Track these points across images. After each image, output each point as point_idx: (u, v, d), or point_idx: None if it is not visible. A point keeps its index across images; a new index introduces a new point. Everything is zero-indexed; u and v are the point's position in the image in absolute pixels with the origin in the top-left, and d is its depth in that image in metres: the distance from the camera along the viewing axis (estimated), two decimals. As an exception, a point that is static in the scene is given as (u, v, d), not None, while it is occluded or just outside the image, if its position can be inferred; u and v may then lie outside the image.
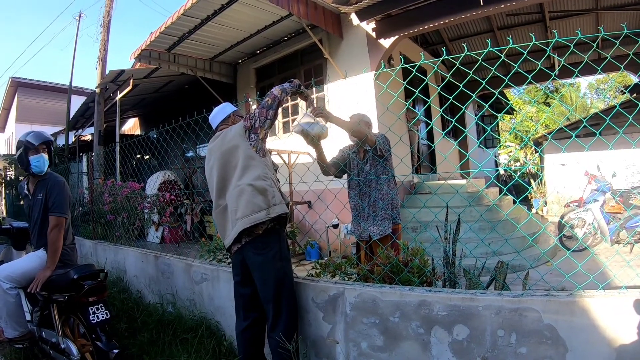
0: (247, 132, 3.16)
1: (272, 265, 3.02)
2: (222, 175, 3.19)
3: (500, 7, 6.60)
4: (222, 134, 3.30)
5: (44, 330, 3.76)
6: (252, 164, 3.09)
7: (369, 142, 4.00)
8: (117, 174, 10.15)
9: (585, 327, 2.21)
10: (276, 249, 3.06)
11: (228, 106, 3.54)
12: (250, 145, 3.13)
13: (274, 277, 3.00)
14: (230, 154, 3.15)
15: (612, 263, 6.06)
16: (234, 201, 3.07)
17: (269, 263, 3.02)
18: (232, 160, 3.14)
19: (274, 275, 3.01)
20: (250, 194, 2.99)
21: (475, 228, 6.15)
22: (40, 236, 3.85)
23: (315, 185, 4.05)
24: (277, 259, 3.05)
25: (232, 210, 3.08)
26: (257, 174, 3.05)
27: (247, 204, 2.98)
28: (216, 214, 3.27)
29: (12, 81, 27.15)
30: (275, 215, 3.02)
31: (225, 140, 3.22)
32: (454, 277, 3.31)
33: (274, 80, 10.36)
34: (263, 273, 3.03)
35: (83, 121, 16.97)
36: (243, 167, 3.08)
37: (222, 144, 3.22)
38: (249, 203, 2.98)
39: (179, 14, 7.63)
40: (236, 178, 3.09)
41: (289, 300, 3.05)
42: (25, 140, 3.87)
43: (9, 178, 20.55)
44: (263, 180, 3.05)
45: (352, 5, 7.74)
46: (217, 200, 3.25)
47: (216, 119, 3.48)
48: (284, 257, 3.13)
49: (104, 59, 12.93)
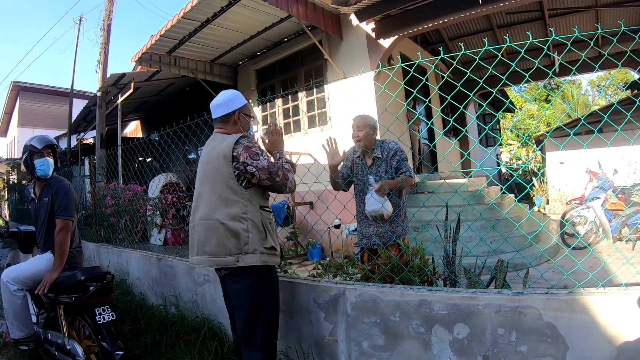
0: (235, 162, 2.73)
1: (248, 296, 2.76)
2: (199, 193, 2.91)
3: (499, 5, 6.59)
4: (216, 142, 2.91)
5: (49, 332, 3.80)
6: (230, 198, 2.73)
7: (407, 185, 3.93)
8: (119, 177, 10.18)
9: (586, 325, 2.22)
10: (254, 277, 2.75)
11: (235, 99, 3.02)
12: (233, 174, 2.73)
13: (248, 310, 2.76)
14: (212, 173, 2.82)
15: (613, 260, 6.06)
16: (203, 232, 2.80)
17: (244, 293, 2.78)
18: (211, 182, 2.82)
19: (248, 307, 2.76)
20: (222, 234, 2.70)
21: (476, 227, 6.14)
22: (47, 239, 3.88)
23: (315, 185, 4.05)
24: (254, 289, 2.76)
25: (201, 240, 2.81)
26: (234, 213, 2.71)
27: (217, 244, 2.71)
28: (190, 227, 2.98)
29: (13, 85, 27.24)
30: (246, 265, 2.69)
31: (213, 153, 2.85)
32: (454, 276, 3.32)
33: (275, 81, 10.39)
34: (237, 302, 2.81)
35: (85, 124, 17.01)
36: (220, 198, 2.75)
37: (210, 157, 2.89)
38: (219, 244, 2.71)
39: (179, 16, 7.65)
40: (210, 207, 2.78)
41: (265, 337, 2.78)
42: (30, 145, 3.89)
43: (12, 182, 20.60)
44: (239, 221, 2.70)
45: (351, 5, 7.75)
46: (193, 213, 2.95)
47: (217, 112, 3.01)
48: (266, 288, 2.82)
49: (105, 63, 12.99)
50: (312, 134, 9.13)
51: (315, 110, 9.38)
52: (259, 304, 2.78)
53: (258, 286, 2.79)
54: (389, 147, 3.98)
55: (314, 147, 8.56)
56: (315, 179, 3.91)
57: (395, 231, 3.93)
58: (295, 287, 3.33)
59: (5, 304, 3.71)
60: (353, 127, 4.04)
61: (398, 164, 3.94)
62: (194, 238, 2.90)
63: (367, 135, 3.95)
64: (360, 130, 3.97)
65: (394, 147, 4.00)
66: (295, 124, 9.87)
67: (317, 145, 8.58)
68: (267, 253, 2.76)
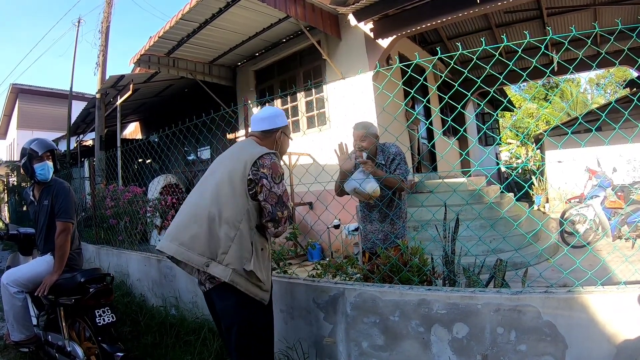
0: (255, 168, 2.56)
1: (237, 316, 2.54)
2: (205, 179, 2.76)
3: (497, 4, 6.60)
4: (248, 145, 2.77)
5: (50, 334, 3.80)
6: (232, 200, 2.53)
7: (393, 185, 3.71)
8: (119, 179, 10.19)
9: (585, 323, 2.23)
10: (241, 293, 2.50)
11: (280, 117, 2.93)
12: (246, 178, 2.54)
13: (236, 327, 2.53)
14: (229, 169, 2.62)
15: (613, 259, 6.07)
16: (188, 217, 2.61)
17: (231, 311, 2.55)
18: (223, 176, 2.62)
19: (237, 325, 2.53)
20: (205, 229, 2.49)
21: (476, 226, 6.15)
22: (47, 241, 3.87)
23: (314, 186, 4.04)
24: (243, 308, 2.53)
25: (180, 225, 2.61)
26: (228, 215, 2.49)
27: (194, 237, 2.50)
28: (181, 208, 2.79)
29: (12, 88, 27.22)
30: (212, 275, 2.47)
31: (239, 152, 2.71)
32: (454, 276, 3.32)
33: (273, 82, 10.40)
34: (226, 322, 2.58)
35: (84, 126, 17.02)
36: (223, 195, 2.55)
37: (234, 153, 2.76)
38: (196, 237, 2.49)
39: (178, 18, 7.65)
40: (209, 197, 2.58)
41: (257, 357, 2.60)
42: (29, 149, 3.88)
43: (12, 184, 20.61)
44: (229, 226, 2.48)
45: (349, 6, 7.76)
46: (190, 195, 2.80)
47: (260, 125, 2.87)
48: (256, 306, 2.58)
49: (104, 64, 13.00)
50: (311, 134, 9.14)
51: (314, 111, 9.39)
52: (249, 324, 2.56)
53: (248, 304, 2.54)
54: (389, 151, 3.91)
55: (313, 147, 8.58)
56: (314, 179, 3.91)
57: (396, 232, 3.93)
58: (294, 287, 3.34)
59: (6, 306, 3.71)
60: (355, 137, 3.90)
61: (395, 167, 3.90)
62: (175, 220, 2.68)
63: (370, 145, 3.88)
64: (363, 141, 3.88)
65: (394, 151, 3.92)
66: (294, 125, 9.87)
67: (316, 146, 8.63)
68: (243, 276, 2.47)
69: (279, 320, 3.42)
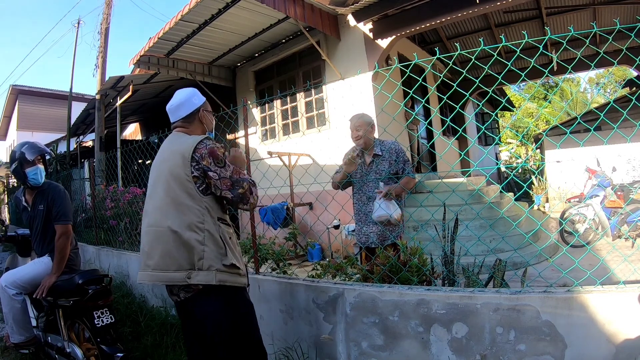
0: (195, 163, 2.43)
1: (224, 311, 2.41)
2: (150, 194, 2.58)
3: (496, 4, 6.60)
4: (176, 140, 2.61)
5: (49, 335, 3.79)
6: (185, 204, 2.39)
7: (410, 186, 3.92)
8: (119, 180, 10.19)
9: (584, 323, 2.23)
10: (225, 300, 2.42)
11: (196, 95, 2.76)
12: (190, 176, 2.41)
13: (228, 325, 2.40)
14: (167, 173, 2.46)
15: (612, 258, 6.07)
16: (148, 242, 2.46)
17: (219, 311, 2.40)
18: (165, 183, 2.45)
19: (229, 322, 2.41)
20: (172, 244, 2.34)
21: (475, 226, 6.16)
22: (43, 244, 3.86)
23: (314, 186, 4.04)
24: (229, 303, 2.44)
25: (145, 251, 2.46)
26: (189, 221, 2.36)
27: (164, 256, 2.35)
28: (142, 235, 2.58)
29: (12, 89, 27.24)
30: (199, 284, 2.34)
31: (171, 151, 2.54)
32: (453, 276, 3.33)
33: (273, 82, 10.40)
34: (211, 325, 2.39)
35: (84, 127, 17.02)
36: (173, 203, 2.40)
37: (166, 155, 2.57)
38: (166, 255, 2.35)
39: (177, 19, 7.66)
40: (160, 212, 2.43)
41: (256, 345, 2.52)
42: (19, 154, 3.81)
43: (12, 186, 20.60)
44: (194, 231, 2.35)
45: (348, 6, 7.76)
46: (143, 218, 2.60)
47: (178, 112, 2.72)
48: (240, 293, 2.52)
49: (103, 66, 13.01)
50: (310, 134, 9.15)
51: (314, 111, 9.39)
52: (243, 315, 2.49)
53: (235, 297, 2.47)
54: (389, 146, 3.99)
55: (312, 148, 8.58)
56: (314, 180, 3.91)
57: (393, 231, 3.94)
58: (294, 287, 3.34)
59: (5, 308, 3.70)
60: (351, 128, 4.03)
61: (402, 165, 3.95)
62: (142, 248, 2.52)
63: (365, 134, 3.96)
64: (358, 130, 3.97)
65: (395, 147, 4.00)
66: (293, 125, 9.88)
67: (315, 146, 8.63)
68: (226, 271, 2.39)
69: (279, 320, 3.43)
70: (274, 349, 3.36)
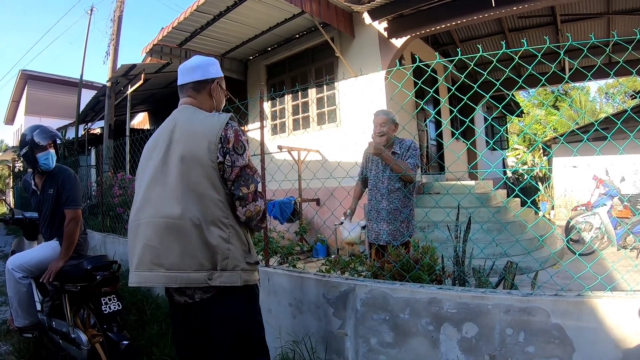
0: (222, 147, 2.08)
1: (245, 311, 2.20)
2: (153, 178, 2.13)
3: (512, 9, 6.60)
4: (190, 116, 2.23)
5: (54, 320, 3.78)
6: (209, 195, 2.06)
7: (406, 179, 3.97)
8: (126, 168, 10.22)
9: (593, 327, 2.24)
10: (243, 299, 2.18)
11: (214, 65, 2.42)
12: (215, 162, 2.07)
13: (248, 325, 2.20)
14: (185, 156, 2.07)
15: (619, 267, 6.06)
16: (157, 236, 2.02)
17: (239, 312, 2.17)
18: (181, 168, 2.06)
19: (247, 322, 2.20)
20: (195, 241, 2.00)
21: (483, 229, 6.16)
22: (52, 228, 3.84)
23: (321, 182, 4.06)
24: (248, 302, 2.23)
25: (152, 246, 2.02)
26: (213, 215, 2.05)
27: (185, 255, 1.99)
28: (131, 228, 2.19)
29: (22, 74, 27.38)
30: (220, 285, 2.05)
31: (188, 130, 2.15)
32: (464, 276, 3.34)
33: (285, 77, 10.41)
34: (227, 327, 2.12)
35: (93, 115, 17.07)
36: (193, 192, 2.04)
37: (182, 134, 2.14)
38: (186, 254, 1.99)
39: (192, 9, 7.67)
40: (175, 201, 2.03)
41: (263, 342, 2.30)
42: (32, 139, 3.75)
43: (18, 170, 20.68)
44: (218, 227, 2.05)
45: (364, 4, 7.77)
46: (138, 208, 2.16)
47: (194, 74, 2.36)
48: (255, 312, 2.27)
49: (115, 53, 13.05)
50: (320, 131, 9.16)
51: (325, 108, 9.42)
52: (257, 313, 2.28)
53: (252, 295, 2.25)
54: (406, 144, 4.04)
55: (322, 144, 8.59)
56: (329, 175, 3.92)
57: (406, 229, 3.98)
58: (304, 282, 3.35)
59: (10, 291, 3.68)
60: (375, 123, 4.10)
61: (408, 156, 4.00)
62: (136, 244, 2.10)
63: (388, 130, 4.01)
64: (383, 125, 4.02)
65: (410, 144, 4.08)
66: (304, 121, 9.91)
67: (325, 143, 8.64)
68: (249, 270, 2.16)
69: (287, 314, 3.44)
70: (282, 343, 3.38)
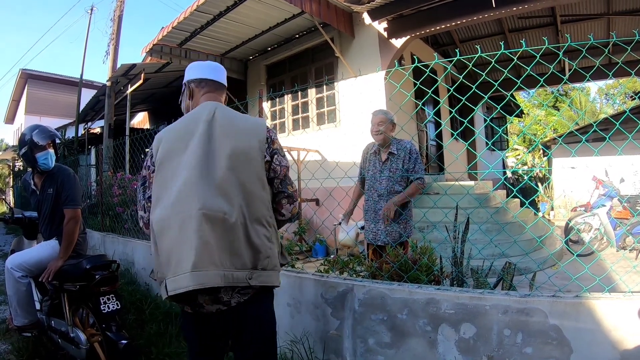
0: (269, 148, 2.09)
1: (271, 326, 2.13)
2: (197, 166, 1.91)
3: (512, 9, 6.61)
4: (230, 112, 2.13)
5: (53, 320, 3.78)
6: (256, 193, 1.97)
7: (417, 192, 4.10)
8: (126, 167, 10.22)
9: (591, 328, 2.24)
10: (270, 298, 2.15)
11: (225, 72, 2.44)
12: (263, 160, 2.03)
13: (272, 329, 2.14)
14: (237, 152, 1.95)
15: (617, 268, 6.06)
16: (212, 230, 1.83)
17: (268, 313, 2.12)
18: (232, 164, 1.93)
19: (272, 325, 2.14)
20: (242, 238, 1.89)
21: (482, 230, 6.16)
22: (51, 228, 3.84)
23: (323, 182, 4.06)
24: (273, 315, 2.16)
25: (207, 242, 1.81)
26: (260, 213, 1.97)
27: (231, 251, 1.87)
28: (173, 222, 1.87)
29: (22, 73, 27.37)
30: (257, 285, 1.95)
31: (235, 126, 2.05)
32: (462, 277, 3.34)
33: (284, 77, 10.42)
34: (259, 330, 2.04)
35: (93, 114, 17.08)
36: (243, 188, 1.93)
37: (231, 128, 2.03)
38: (232, 251, 1.87)
39: (192, 9, 7.68)
40: (226, 197, 1.89)
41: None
42: (31, 139, 3.75)
43: (18, 169, 20.68)
44: (263, 226, 1.98)
45: (364, 4, 7.77)
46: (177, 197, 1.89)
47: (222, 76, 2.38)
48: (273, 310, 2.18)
49: (115, 53, 13.05)
50: (320, 131, 9.16)
51: (325, 108, 9.42)
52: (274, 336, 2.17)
53: (273, 311, 2.17)
54: (404, 145, 4.08)
55: (322, 144, 8.59)
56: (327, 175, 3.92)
57: (404, 230, 4.01)
58: (303, 282, 3.35)
59: (10, 290, 3.68)
60: (373, 122, 4.14)
61: (412, 165, 4.03)
62: (186, 240, 1.82)
63: (386, 130, 4.03)
64: (380, 125, 4.05)
65: (409, 147, 4.10)
66: (303, 120, 9.92)
67: (324, 143, 8.64)
68: (281, 271, 2.13)
69: (285, 314, 3.44)
70: (280, 343, 3.37)
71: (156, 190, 1.98)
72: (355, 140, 4.21)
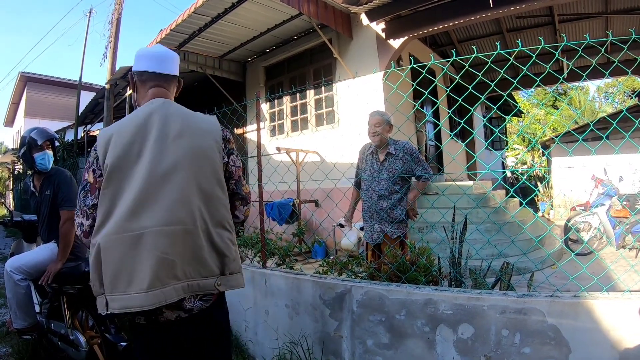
0: (224, 146, 2.02)
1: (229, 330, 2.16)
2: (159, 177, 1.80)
3: (510, 9, 6.60)
4: (181, 110, 2.03)
5: (52, 322, 3.78)
6: (217, 196, 1.91)
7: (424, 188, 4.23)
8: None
9: (589, 328, 2.24)
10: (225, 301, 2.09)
11: (177, 60, 2.19)
12: (221, 162, 1.98)
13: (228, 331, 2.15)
14: (193, 154, 1.88)
15: (616, 267, 6.06)
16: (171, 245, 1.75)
17: (226, 316, 2.10)
18: (190, 168, 1.85)
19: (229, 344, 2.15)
20: (205, 246, 1.84)
21: (481, 229, 6.16)
22: (50, 230, 3.84)
23: (321, 184, 4.07)
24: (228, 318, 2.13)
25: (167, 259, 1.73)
26: (221, 217, 1.91)
27: (198, 262, 1.81)
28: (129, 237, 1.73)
29: (21, 76, 27.36)
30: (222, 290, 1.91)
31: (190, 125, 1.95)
32: (460, 277, 3.34)
33: (283, 79, 10.42)
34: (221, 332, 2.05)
35: (92, 117, 17.09)
36: (202, 193, 1.86)
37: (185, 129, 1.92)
38: (198, 260, 1.82)
39: (190, 11, 7.69)
40: (188, 206, 1.81)
41: None
42: (29, 138, 3.82)
43: (17, 172, 20.67)
44: (227, 229, 1.93)
45: (362, 5, 7.77)
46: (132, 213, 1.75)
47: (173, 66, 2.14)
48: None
49: (113, 56, 13.02)
50: (319, 132, 9.16)
51: (323, 109, 9.42)
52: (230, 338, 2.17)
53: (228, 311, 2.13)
54: (403, 146, 4.09)
55: (321, 145, 8.59)
56: (324, 177, 3.92)
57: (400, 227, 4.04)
58: (301, 283, 3.36)
59: (9, 293, 3.68)
60: (370, 123, 4.16)
61: (415, 165, 4.08)
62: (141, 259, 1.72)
63: (382, 131, 4.04)
64: (377, 126, 4.06)
65: (409, 147, 4.12)
66: (302, 122, 9.92)
67: (323, 144, 8.63)
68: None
69: (284, 315, 3.44)
70: (279, 344, 3.38)
71: (106, 203, 1.79)
72: (353, 141, 4.22)
